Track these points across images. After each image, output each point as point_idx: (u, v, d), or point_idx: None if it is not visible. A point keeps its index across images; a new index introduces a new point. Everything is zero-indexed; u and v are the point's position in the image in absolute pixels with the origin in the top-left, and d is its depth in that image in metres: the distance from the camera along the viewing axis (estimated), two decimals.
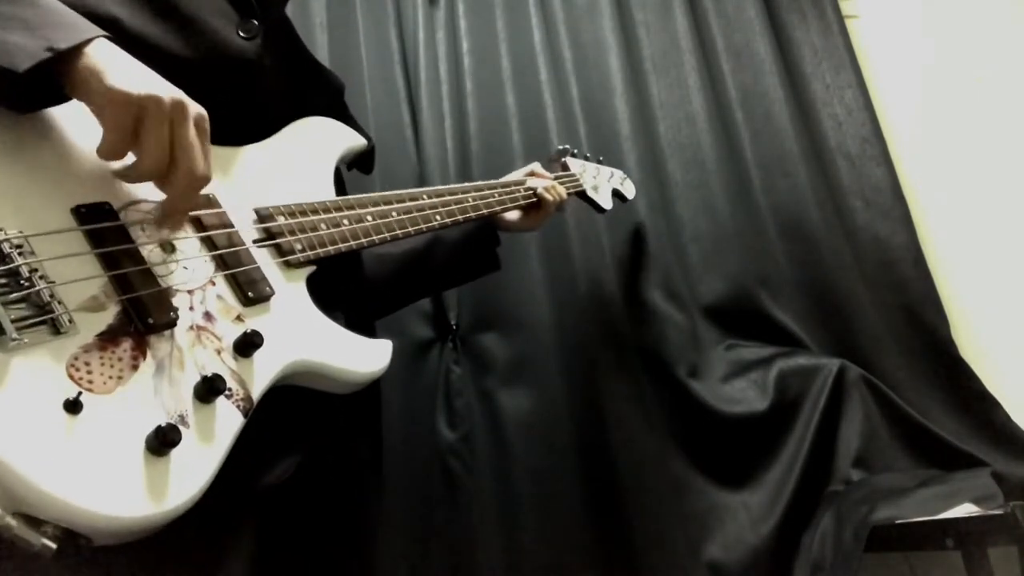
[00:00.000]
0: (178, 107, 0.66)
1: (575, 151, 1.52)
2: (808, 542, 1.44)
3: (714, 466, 1.60)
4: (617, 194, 1.60)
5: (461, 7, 1.87)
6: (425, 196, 1.08)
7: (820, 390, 1.61)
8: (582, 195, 1.48)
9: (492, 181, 1.27)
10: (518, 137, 1.77)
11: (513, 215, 1.29)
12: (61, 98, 0.67)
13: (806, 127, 1.96)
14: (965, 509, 1.24)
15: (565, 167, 1.47)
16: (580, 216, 1.72)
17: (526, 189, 1.28)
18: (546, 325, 1.63)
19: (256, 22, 0.91)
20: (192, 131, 0.67)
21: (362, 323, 1.12)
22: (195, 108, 0.69)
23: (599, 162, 1.60)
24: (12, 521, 0.52)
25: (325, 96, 1.06)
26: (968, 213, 1.96)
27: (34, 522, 0.53)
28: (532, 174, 1.35)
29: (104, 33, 0.68)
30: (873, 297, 1.80)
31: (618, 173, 1.63)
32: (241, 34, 0.89)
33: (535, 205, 1.29)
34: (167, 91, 0.66)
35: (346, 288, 1.01)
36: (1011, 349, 1.81)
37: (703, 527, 1.53)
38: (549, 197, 1.30)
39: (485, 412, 1.58)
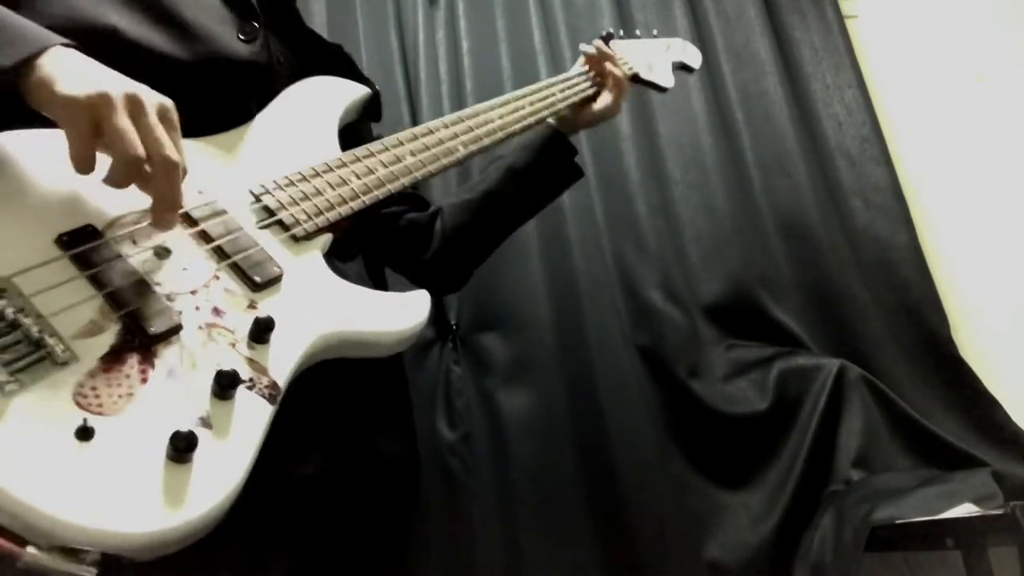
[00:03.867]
0: (132, 99, 0.64)
1: (620, 33, 1.36)
2: (808, 542, 1.43)
3: (714, 466, 1.60)
4: (680, 66, 1.44)
5: (461, 7, 1.87)
6: (443, 126, 1.00)
7: (820, 390, 1.61)
8: (636, 79, 1.35)
9: (547, 80, 1.24)
10: (518, 137, 1.76)
11: (581, 110, 1.25)
12: (34, 116, 0.65)
13: (806, 127, 1.96)
14: (965, 509, 1.23)
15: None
16: (580, 216, 1.72)
17: (585, 77, 1.25)
18: (546, 325, 1.63)
19: (256, 24, 0.91)
20: (152, 119, 0.65)
21: (453, 277, 1.15)
22: (155, 99, 0.67)
23: (653, 36, 1.44)
24: (48, 556, 0.52)
25: (328, 63, 1.03)
26: (968, 213, 1.96)
27: (72, 552, 0.52)
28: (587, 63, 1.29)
29: (62, 41, 0.66)
30: (873, 297, 1.80)
31: (676, 42, 1.46)
32: (241, 37, 0.89)
33: (594, 95, 1.26)
34: (119, 86, 0.64)
35: (416, 251, 1.00)
36: (1011, 349, 1.81)
37: (703, 527, 1.53)
38: (618, 72, 1.26)
39: (485, 412, 1.58)
